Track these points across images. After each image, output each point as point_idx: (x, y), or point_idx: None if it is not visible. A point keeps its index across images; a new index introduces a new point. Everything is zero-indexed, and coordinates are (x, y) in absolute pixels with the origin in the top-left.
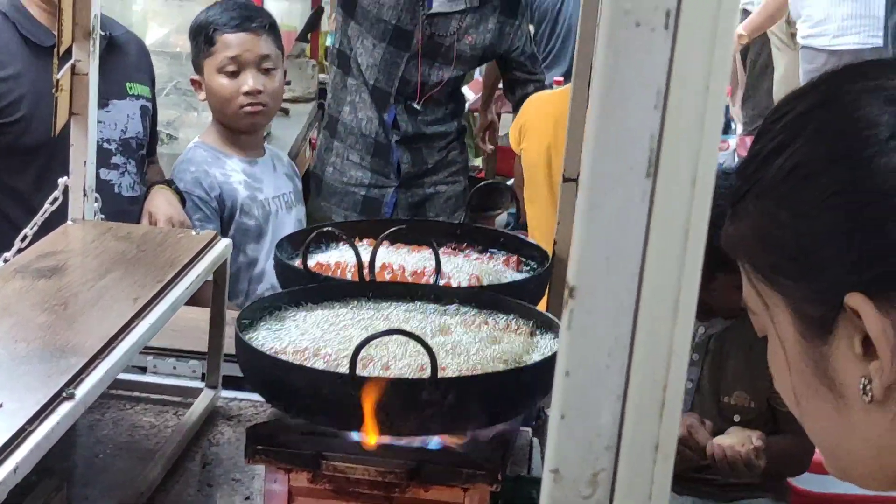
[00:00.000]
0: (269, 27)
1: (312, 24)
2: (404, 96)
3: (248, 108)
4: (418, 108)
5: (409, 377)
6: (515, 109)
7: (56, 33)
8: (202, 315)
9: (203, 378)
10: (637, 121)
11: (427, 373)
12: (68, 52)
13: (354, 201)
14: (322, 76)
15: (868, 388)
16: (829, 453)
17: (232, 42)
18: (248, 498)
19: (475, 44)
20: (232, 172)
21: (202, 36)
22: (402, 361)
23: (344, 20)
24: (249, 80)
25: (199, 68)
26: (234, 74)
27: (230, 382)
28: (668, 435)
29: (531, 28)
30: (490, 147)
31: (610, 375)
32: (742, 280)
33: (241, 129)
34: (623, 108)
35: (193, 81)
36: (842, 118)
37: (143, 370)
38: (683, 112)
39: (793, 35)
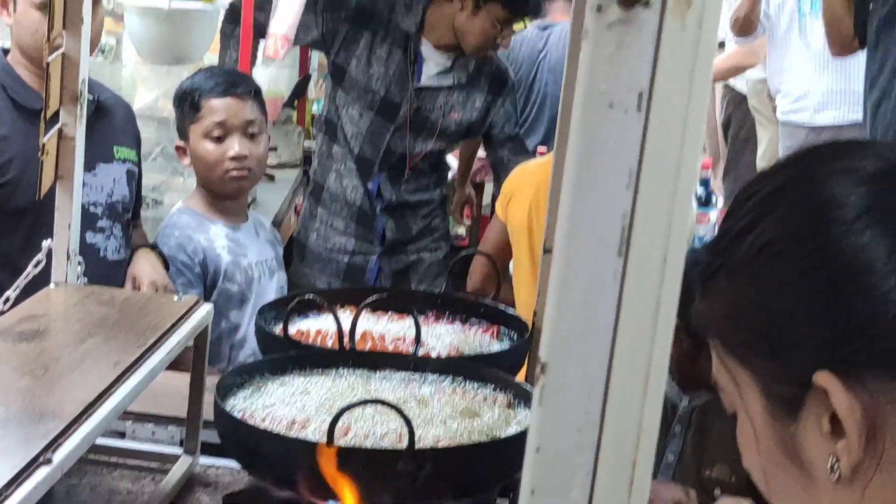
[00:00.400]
0: (254, 93)
1: (299, 92)
2: (388, 165)
3: (235, 173)
4: (404, 177)
5: (387, 448)
6: (496, 181)
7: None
8: (182, 380)
9: (181, 444)
10: (609, 199)
11: (404, 443)
12: (55, 115)
13: (338, 268)
14: (308, 143)
15: (836, 466)
16: None
17: (218, 107)
18: None
19: (461, 120)
20: (216, 238)
21: (188, 102)
22: (381, 431)
23: (332, 88)
24: (235, 145)
25: (184, 134)
26: (220, 139)
27: (209, 449)
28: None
29: None
30: (468, 222)
31: (580, 452)
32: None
33: (226, 194)
34: (596, 186)
35: (178, 147)
36: (811, 197)
37: (122, 435)
38: (655, 192)
39: (775, 110)
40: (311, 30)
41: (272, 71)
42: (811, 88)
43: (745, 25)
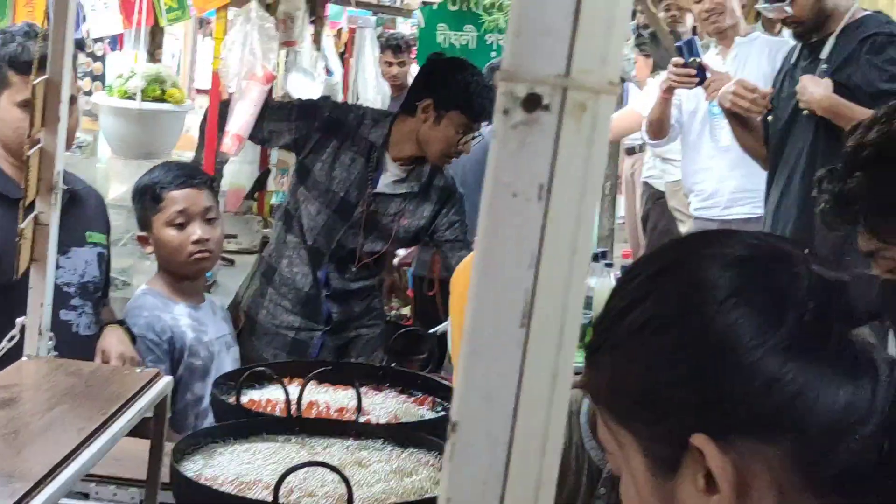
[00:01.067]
0: (208, 183)
1: (260, 185)
2: (338, 258)
3: (198, 255)
4: (351, 270)
5: None
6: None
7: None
8: (143, 446)
9: (142, 501)
10: (513, 278)
11: (344, 499)
12: (32, 204)
13: (284, 342)
14: (266, 231)
15: None
16: None
17: (178, 197)
18: None
19: (409, 227)
20: (180, 317)
21: (148, 195)
22: (323, 491)
23: (295, 184)
24: (197, 231)
25: (146, 225)
26: (181, 226)
27: None
28: None
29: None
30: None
31: (490, 489)
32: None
33: (188, 276)
34: (501, 266)
35: (140, 237)
36: (686, 280)
37: (86, 496)
38: (553, 271)
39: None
40: (283, 135)
41: (234, 166)
42: (721, 187)
43: (658, 129)
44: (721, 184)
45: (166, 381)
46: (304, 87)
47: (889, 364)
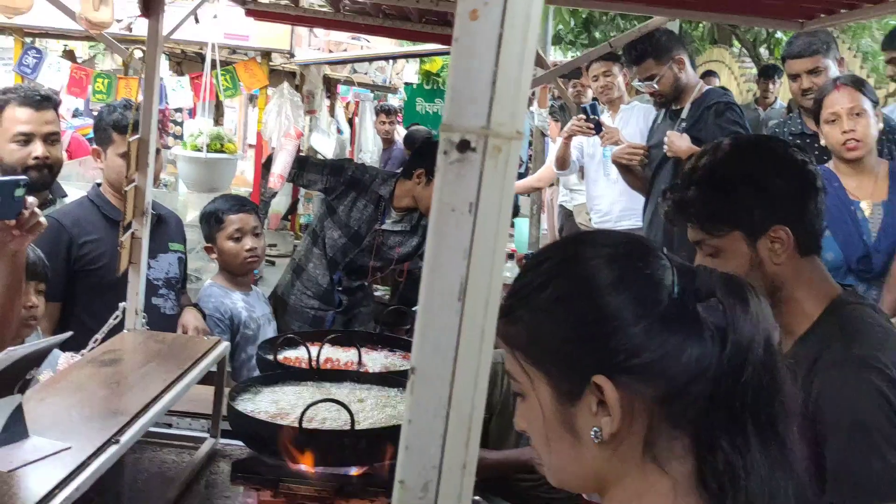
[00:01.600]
0: (255, 209)
1: (291, 210)
2: (348, 268)
3: (249, 260)
4: (356, 278)
5: (337, 429)
6: None
7: (123, 211)
8: (209, 391)
9: (208, 431)
10: (453, 267)
11: (348, 426)
12: (129, 224)
13: (307, 318)
14: (296, 242)
15: (598, 434)
16: (556, 472)
17: (235, 219)
18: None
19: (402, 253)
20: (236, 301)
21: (213, 218)
22: (333, 418)
23: (323, 215)
24: (249, 242)
25: (211, 239)
26: (237, 240)
27: (225, 434)
28: (471, 458)
29: None
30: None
31: (436, 422)
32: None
33: (242, 273)
34: (445, 260)
35: (207, 248)
36: (580, 268)
37: (170, 426)
38: (480, 262)
39: (590, 221)
40: (317, 184)
41: (275, 198)
42: (612, 208)
43: (562, 163)
44: (612, 205)
45: (225, 345)
46: (323, 142)
47: (722, 329)
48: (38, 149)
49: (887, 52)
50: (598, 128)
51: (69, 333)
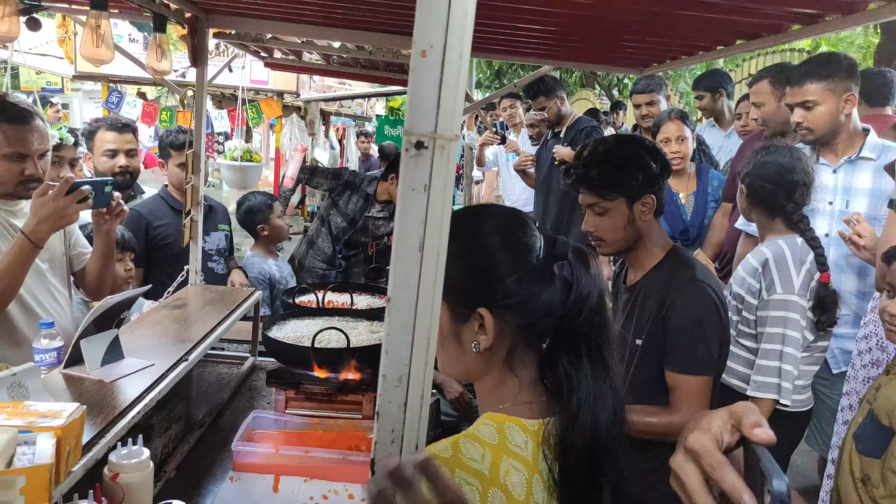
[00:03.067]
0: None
1: (301, 201)
2: (346, 243)
3: (289, 233)
4: (352, 251)
5: (338, 347)
6: None
7: (184, 203)
8: (249, 324)
9: (249, 352)
10: (414, 228)
11: (345, 345)
12: (189, 211)
13: (316, 276)
14: (306, 224)
15: (476, 346)
16: (444, 366)
17: (277, 206)
18: (269, 403)
19: (383, 231)
20: (271, 266)
21: (265, 206)
22: (335, 340)
23: (328, 206)
24: (288, 221)
25: (264, 220)
26: (280, 219)
27: (261, 354)
28: (431, 357)
29: None
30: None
31: (406, 334)
32: None
33: (280, 242)
34: (409, 224)
35: (261, 227)
36: (477, 232)
37: (222, 349)
38: (433, 224)
39: None
40: (323, 185)
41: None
42: (517, 197)
43: (479, 162)
44: (519, 195)
45: (259, 293)
46: (321, 155)
47: (569, 282)
48: (121, 160)
49: (696, 92)
50: (503, 139)
51: (149, 286)
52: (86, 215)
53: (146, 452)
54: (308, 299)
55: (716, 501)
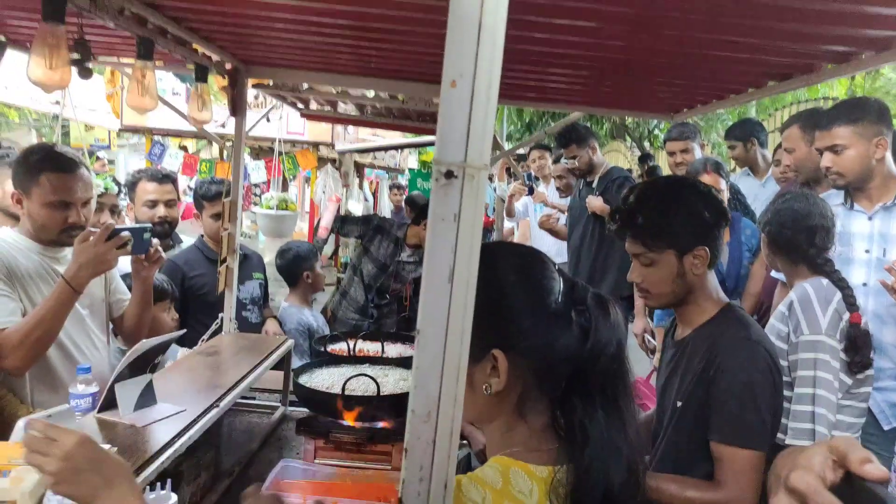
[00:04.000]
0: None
1: (335, 252)
2: (378, 290)
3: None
4: (385, 297)
5: (368, 395)
6: None
7: (219, 253)
8: (280, 374)
9: (280, 401)
10: (444, 259)
11: (375, 393)
12: (224, 259)
13: (349, 326)
14: (339, 275)
15: (488, 389)
16: (465, 412)
17: (317, 263)
18: (298, 453)
19: (414, 277)
20: (307, 316)
21: (306, 261)
22: (365, 388)
23: (360, 253)
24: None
25: (309, 269)
26: (319, 273)
27: (293, 403)
28: (460, 393)
29: None
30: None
31: (435, 368)
32: None
33: (316, 292)
34: (438, 254)
35: (306, 275)
36: (494, 270)
37: (254, 398)
38: (462, 255)
39: None
40: (354, 231)
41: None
42: (549, 248)
43: (510, 213)
44: (550, 247)
45: (290, 342)
46: (354, 206)
47: (587, 330)
48: (160, 211)
49: (727, 142)
50: (530, 190)
51: (184, 331)
52: (126, 264)
53: (174, 498)
54: (340, 348)
55: None
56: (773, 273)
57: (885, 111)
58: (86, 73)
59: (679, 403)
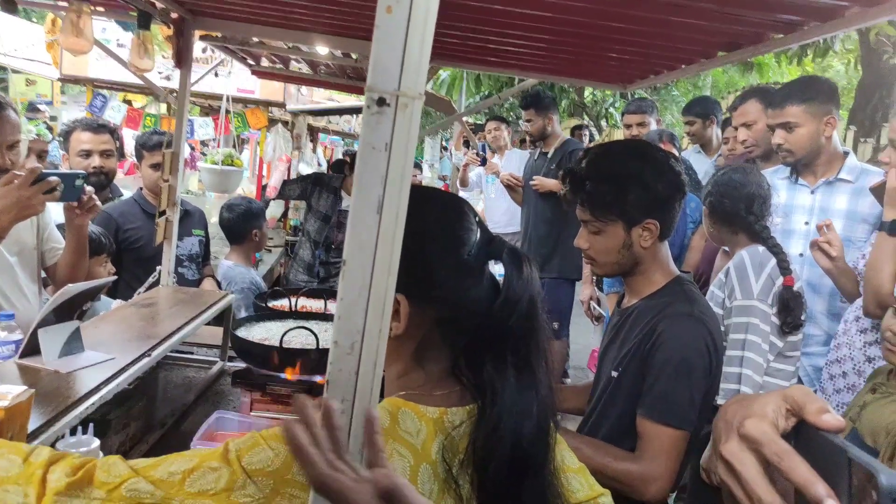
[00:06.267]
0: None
1: (284, 215)
2: (324, 245)
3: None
4: (331, 251)
5: (306, 348)
6: None
7: (158, 206)
8: (218, 330)
9: (219, 356)
10: (372, 190)
11: (314, 346)
12: (164, 211)
13: (300, 287)
14: (287, 237)
15: (392, 330)
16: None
17: (265, 223)
18: (235, 406)
19: None
20: (254, 274)
21: (253, 217)
22: (304, 341)
23: (306, 212)
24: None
25: (258, 227)
26: (264, 232)
27: (232, 359)
28: (385, 325)
29: None
30: None
31: (360, 299)
32: None
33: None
34: (367, 184)
35: (254, 233)
36: (416, 215)
37: (192, 353)
38: (392, 186)
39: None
40: (295, 191)
41: (272, 207)
42: (500, 218)
43: (463, 183)
44: (501, 216)
45: (231, 296)
46: (307, 171)
47: (499, 284)
48: (95, 160)
49: (686, 117)
50: (483, 161)
51: (114, 277)
52: (62, 214)
53: (96, 443)
54: (282, 304)
55: (779, 495)
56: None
57: (834, 91)
58: (9, 7)
59: (614, 374)
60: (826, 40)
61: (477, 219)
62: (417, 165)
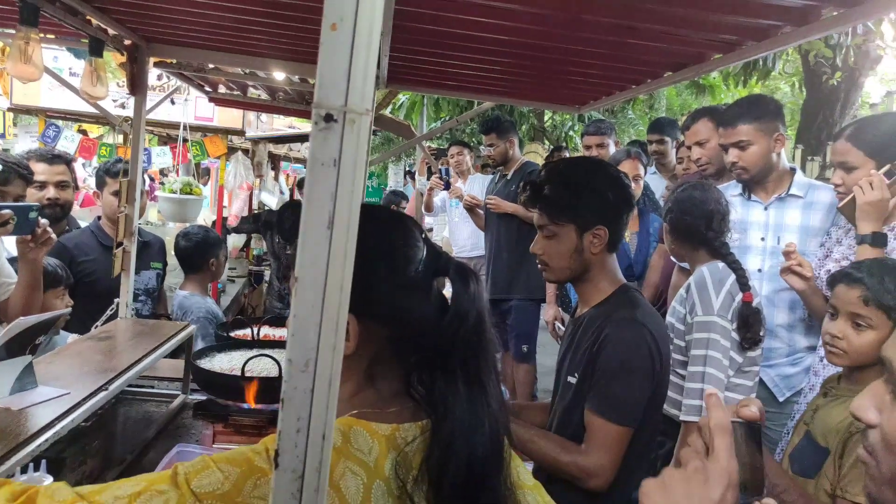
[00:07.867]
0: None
1: (246, 244)
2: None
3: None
4: None
5: (269, 377)
6: None
7: (115, 238)
8: (178, 363)
9: (181, 389)
10: (323, 205)
11: (277, 374)
12: (121, 243)
13: (275, 314)
14: (251, 267)
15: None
16: None
17: (223, 257)
18: (198, 441)
19: None
20: (213, 304)
21: (213, 250)
22: (267, 369)
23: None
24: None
25: (214, 256)
26: (223, 263)
27: (194, 391)
28: (339, 341)
29: None
30: None
31: (313, 315)
32: None
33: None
34: (317, 200)
35: (212, 263)
36: (360, 233)
37: (152, 387)
38: (343, 201)
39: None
40: (247, 229)
41: (233, 238)
42: (465, 242)
43: (428, 208)
44: (465, 240)
45: (192, 328)
46: (269, 198)
47: (446, 300)
48: (50, 192)
49: (653, 136)
50: (447, 185)
51: (69, 309)
52: (14, 247)
53: (48, 480)
54: (245, 333)
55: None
56: (677, 262)
57: (779, 108)
58: None
59: (570, 379)
60: (766, 62)
61: (423, 235)
62: (403, 196)
